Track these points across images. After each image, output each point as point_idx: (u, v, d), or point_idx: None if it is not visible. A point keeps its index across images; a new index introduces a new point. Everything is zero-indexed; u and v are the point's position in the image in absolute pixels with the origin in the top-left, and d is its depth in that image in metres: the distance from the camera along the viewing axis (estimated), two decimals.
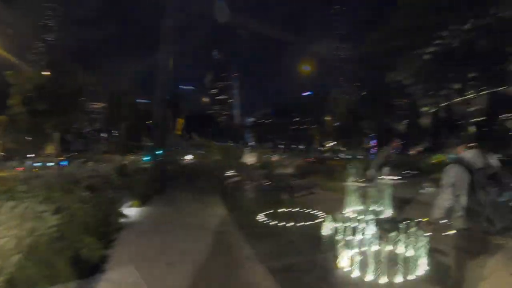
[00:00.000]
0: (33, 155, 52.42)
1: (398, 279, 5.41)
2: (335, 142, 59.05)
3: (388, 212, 10.90)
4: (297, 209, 11.92)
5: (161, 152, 21.38)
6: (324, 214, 9.69)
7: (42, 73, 50.96)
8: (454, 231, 4.44)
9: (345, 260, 5.98)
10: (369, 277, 5.49)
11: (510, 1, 23.67)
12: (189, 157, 58.39)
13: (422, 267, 5.76)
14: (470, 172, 4.04)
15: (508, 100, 34.25)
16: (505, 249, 6.50)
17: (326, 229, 8.30)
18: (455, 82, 34.43)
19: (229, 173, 39.96)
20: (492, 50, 27.66)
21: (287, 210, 11.86)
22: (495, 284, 5.03)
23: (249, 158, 70.59)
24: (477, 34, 26.64)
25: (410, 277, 5.48)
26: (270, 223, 9.77)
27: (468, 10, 25.19)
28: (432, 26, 25.40)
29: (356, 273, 5.64)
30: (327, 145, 61.52)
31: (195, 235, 8.07)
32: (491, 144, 28.98)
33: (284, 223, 9.55)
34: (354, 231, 7.45)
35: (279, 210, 11.73)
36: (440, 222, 4.45)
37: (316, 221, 9.78)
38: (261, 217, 10.60)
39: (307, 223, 9.58)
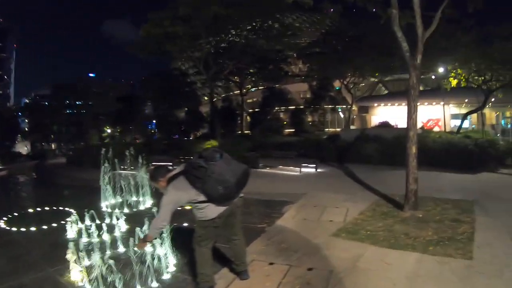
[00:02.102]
0: None
1: None
2: (113, 128, 56.13)
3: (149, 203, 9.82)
4: (52, 207, 10.06)
5: None
6: (77, 211, 8.03)
7: None
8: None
9: (77, 272, 4.74)
10: None
11: (290, 9, 25.46)
12: None
13: (169, 268, 4.98)
14: (189, 176, 4.01)
15: (279, 95, 37.17)
16: (266, 233, 6.35)
17: (71, 231, 6.87)
18: (236, 76, 36.06)
19: None
20: (269, 50, 29.57)
21: (40, 209, 10.02)
22: (253, 275, 4.47)
23: (22, 148, 62.08)
24: (260, 34, 27.92)
25: (153, 285, 4.53)
26: (11, 229, 7.88)
27: (254, 10, 25.78)
28: (214, 19, 25.39)
29: None
30: (106, 130, 58.08)
31: None
32: (263, 130, 31.07)
33: (27, 227, 7.87)
34: (100, 231, 6.37)
35: (30, 210, 9.93)
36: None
37: (65, 221, 8.05)
38: (1, 222, 8.55)
39: (55, 224, 7.86)
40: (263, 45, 28.49)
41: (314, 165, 15.35)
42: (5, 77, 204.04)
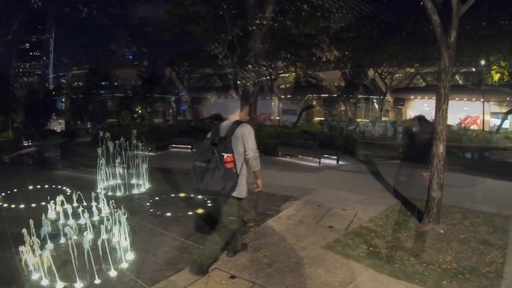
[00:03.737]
0: None
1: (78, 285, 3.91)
2: (143, 109, 56.78)
3: (145, 187, 9.43)
4: (51, 186, 9.86)
5: None
6: (71, 191, 7.79)
7: None
8: None
9: (32, 257, 4.32)
10: (45, 281, 4.00)
11: None
12: None
13: (122, 264, 4.45)
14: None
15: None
16: (247, 236, 5.42)
17: (52, 212, 6.57)
18: (265, 60, 35.15)
19: (23, 143, 34.73)
20: (298, 34, 28.40)
21: (40, 186, 9.84)
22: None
23: (57, 126, 64.08)
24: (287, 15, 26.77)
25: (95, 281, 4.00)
26: (2, 206, 7.74)
27: None
28: None
29: (35, 276, 4.12)
30: (138, 111, 58.78)
31: None
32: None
33: (17, 204, 7.76)
34: (79, 213, 6.05)
35: (30, 187, 9.73)
36: None
37: (52, 200, 7.62)
38: None
39: (43, 203, 7.23)
40: (291, 27, 27.43)
41: (336, 157, 14.26)
42: (44, 58, 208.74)
